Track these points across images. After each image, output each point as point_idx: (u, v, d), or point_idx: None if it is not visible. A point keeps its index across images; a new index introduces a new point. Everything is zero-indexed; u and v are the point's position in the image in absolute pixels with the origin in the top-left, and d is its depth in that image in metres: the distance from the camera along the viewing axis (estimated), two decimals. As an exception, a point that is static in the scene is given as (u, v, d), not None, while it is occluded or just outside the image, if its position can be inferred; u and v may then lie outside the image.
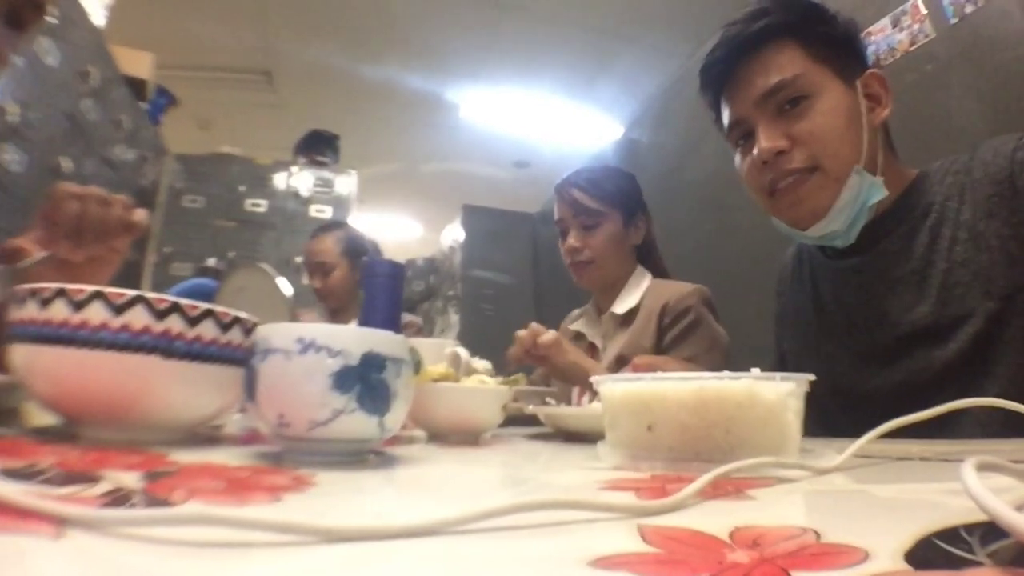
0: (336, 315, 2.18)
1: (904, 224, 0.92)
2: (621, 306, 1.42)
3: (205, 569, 0.21)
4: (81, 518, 0.23)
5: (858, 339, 0.97)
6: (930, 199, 0.91)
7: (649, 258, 1.53)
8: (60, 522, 0.22)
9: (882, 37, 1.87)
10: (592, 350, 1.46)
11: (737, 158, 1.00)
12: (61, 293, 0.45)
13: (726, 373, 0.50)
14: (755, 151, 0.93)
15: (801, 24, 0.93)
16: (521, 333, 1.21)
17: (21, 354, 0.47)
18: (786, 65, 0.91)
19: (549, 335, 1.20)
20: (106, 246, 0.82)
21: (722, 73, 0.99)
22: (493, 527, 0.26)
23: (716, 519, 0.29)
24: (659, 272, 1.51)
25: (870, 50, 1.89)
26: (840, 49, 0.93)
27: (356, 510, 0.35)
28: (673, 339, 1.32)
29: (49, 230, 0.79)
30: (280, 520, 0.23)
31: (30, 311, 0.46)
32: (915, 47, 1.77)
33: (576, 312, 1.65)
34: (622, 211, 1.46)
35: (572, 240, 1.45)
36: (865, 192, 0.90)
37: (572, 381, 1.24)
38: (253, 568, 0.21)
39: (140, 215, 0.85)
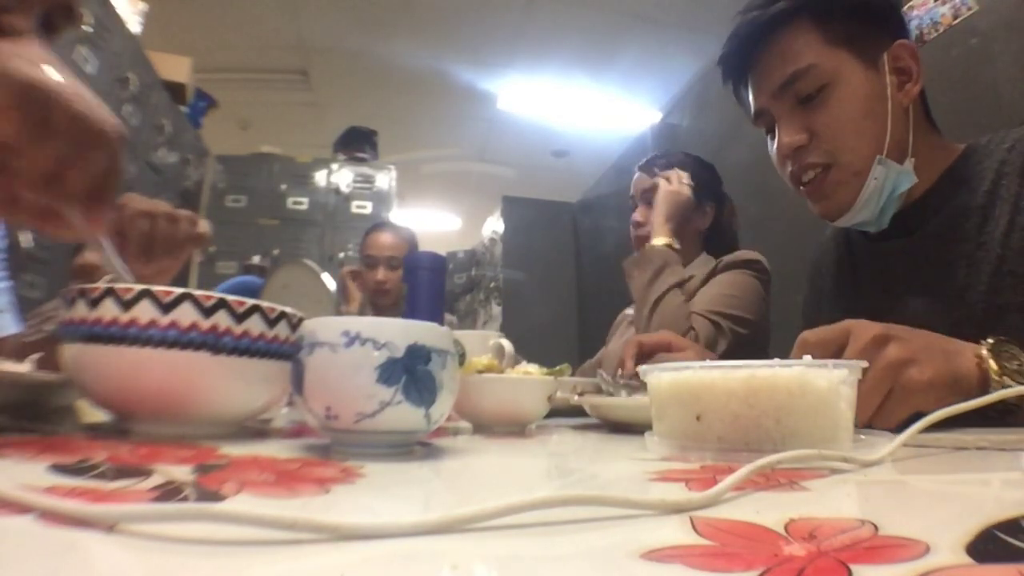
0: (382, 312, 2.15)
1: (951, 202, 0.88)
2: None
3: (240, 565, 0.21)
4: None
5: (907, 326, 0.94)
6: (979, 176, 0.87)
7: (722, 249, 1.51)
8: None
9: (924, 11, 1.81)
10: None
11: (769, 144, 0.99)
12: (109, 292, 0.46)
13: (777, 360, 0.48)
14: (776, 147, 0.93)
15: (816, 2, 0.89)
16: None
17: (72, 353, 0.48)
18: (801, 53, 0.89)
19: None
20: (172, 259, 0.86)
21: (740, 63, 0.97)
22: (540, 520, 0.26)
23: (770, 511, 0.29)
24: None
25: (912, 24, 1.83)
26: (862, 23, 0.89)
27: (405, 501, 0.35)
28: (714, 277, 1.35)
29: (119, 245, 0.82)
30: (313, 519, 0.23)
31: (80, 311, 0.47)
32: (958, 20, 1.71)
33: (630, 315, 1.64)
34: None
35: (636, 214, 1.50)
36: (892, 181, 0.88)
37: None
38: (300, 564, 0.21)
39: (204, 227, 0.88)
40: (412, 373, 0.46)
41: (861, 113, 0.87)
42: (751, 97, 0.97)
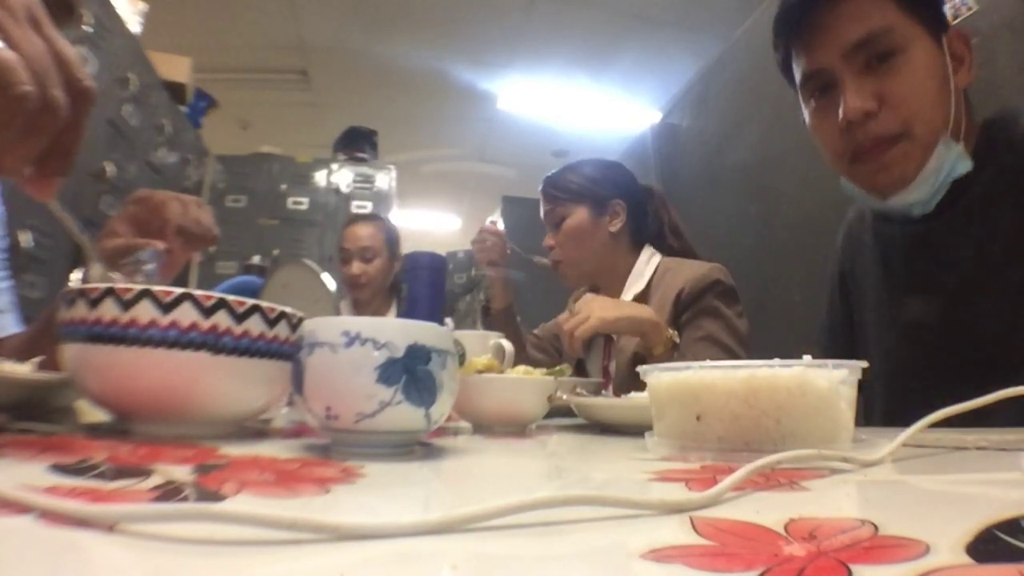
0: (364, 307, 2.11)
1: (979, 180, 0.85)
2: (628, 293, 1.36)
3: (238, 565, 0.21)
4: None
5: (937, 307, 0.91)
6: (1006, 151, 0.85)
7: (661, 243, 1.46)
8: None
9: (925, 11, 1.80)
10: (607, 343, 1.42)
11: (807, 113, 0.94)
12: (109, 292, 0.46)
13: (777, 360, 0.48)
14: (840, 111, 0.86)
15: None
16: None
17: (72, 353, 0.48)
18: (876, 15, 0.84)
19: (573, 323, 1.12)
20: (196, 247, 0.87)
21: (801, 18, 0.90)
22: (540, 520, 0.26)
23: (770, 511, 0.29)
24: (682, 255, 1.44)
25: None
26: (930, 1, 0.87)
27: (405, 502, 0.35)
28: (686, 322, 1.28)
29: (140, 229, 0.81)
30: (314, 519, 0.23)
31: (80, 311, 0.47)
32: (958, 20, 1.70)
33: (584, 291, 1.54)
34: (589, 202, 1.41)
35: (547, 239, 1.47)
36: (951, 163, 0.84)
37: (633, 332, 1.18)
38: (299, 564, 0.21)
39: (215, 227, 0.89)
40: (412, 373, 0.46)
41: (934, 84, 0.84)
42: (806, 56, 0.91)
